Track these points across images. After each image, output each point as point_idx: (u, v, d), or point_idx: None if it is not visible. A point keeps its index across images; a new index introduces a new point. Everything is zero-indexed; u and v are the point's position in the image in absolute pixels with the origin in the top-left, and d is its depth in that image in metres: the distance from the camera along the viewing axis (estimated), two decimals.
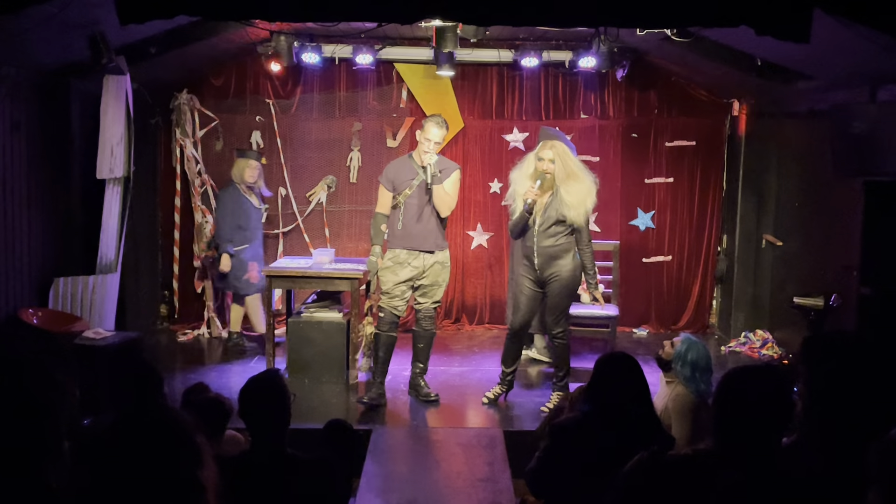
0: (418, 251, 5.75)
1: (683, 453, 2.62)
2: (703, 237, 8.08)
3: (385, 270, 5.77)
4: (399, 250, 5.76)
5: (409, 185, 5.71)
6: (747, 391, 2.44)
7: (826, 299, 6.20)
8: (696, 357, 4.12)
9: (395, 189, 5.75)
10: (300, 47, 7.18)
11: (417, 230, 5.72)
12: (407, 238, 5.73)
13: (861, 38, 4.42)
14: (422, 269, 5.76)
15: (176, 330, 7.79)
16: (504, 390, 5.92)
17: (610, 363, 3.38)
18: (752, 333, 7.53)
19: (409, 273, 5.74)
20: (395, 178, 5.75)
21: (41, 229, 6.05)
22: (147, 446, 1.97)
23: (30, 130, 5.85)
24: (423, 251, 5.75)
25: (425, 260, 5.76)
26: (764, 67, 6.19)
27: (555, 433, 3.35)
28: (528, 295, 5.71)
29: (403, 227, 5.73)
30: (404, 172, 5.75)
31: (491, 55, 7.54)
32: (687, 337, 4.28)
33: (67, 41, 5.39)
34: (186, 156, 7.63)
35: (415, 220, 5.71)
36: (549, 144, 5.61)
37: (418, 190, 5.71)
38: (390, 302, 5.78)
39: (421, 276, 5.78)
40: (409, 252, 5.74)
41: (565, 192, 5.52)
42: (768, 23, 3.96)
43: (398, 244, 5.76)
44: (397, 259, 5.75)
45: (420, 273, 5.77)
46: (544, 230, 5.57)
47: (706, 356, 4.17)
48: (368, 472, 4.70)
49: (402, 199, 5.72)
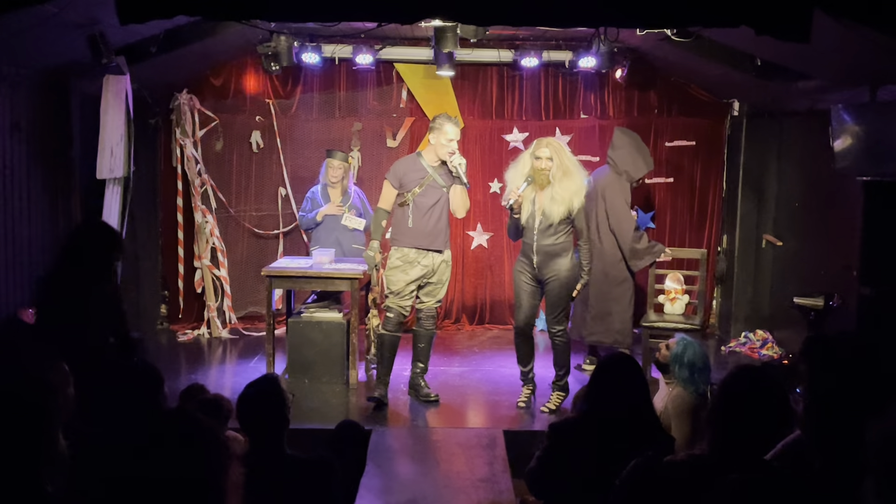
0: (427, 250, 5.74)
1: (681, 457, 2.62)
2: (703, 237, 8.08)
3: (394, 270, 5.75)
4: (408, 249, 5.73)
5: (418, 183, 5.70)
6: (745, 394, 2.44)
7: (826, 299, 6.20)
8: (692, 357, 4.12)
9: (402, 187, 5.74)
10: (300, 47, 7.17)
11: (428, 229, 5.71)
12: (417, 237, 5.72)
13: (861, 38, 4.42)
14: (431, 268, 5.76)
15: (176, 330, 7.80)
16: (532, 389, 5.94)
17: (610, 364, 3.39)
18: (752, 333, 7.53)
19: (420, 272, 5.74)
20: (404, 176, 5.73)
21: (41, 229, 6.05)
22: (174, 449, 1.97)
23: (30, 130, 5.84)
24: (432, 250, 5.75)
25: (434, 259, 5.76)
26: (764, 67, 6.19)
27: (554, 433, 3.35)
28: (528, 291, 5.72)
29: (413, 226, 5.71)
30: (413, 171, 5.74)
31: (491, 55, 7.54)
32: (682, 338, 4.26)
33: (67, 41, 5.39)
34: (186, 156, 7.63)
35: (426, 219, 5.70)
36: (545, 142, 5.62)
37: (428, 189, 5.71)
38: (399, 302, 5.76)
39: (431, 275, 5.78)
40: (419, 251, 5.73)
41: (558, 188, 5.52)
42: (768, 23, 3.95)
43: (407, 243, 5.74)
44: (406, 258, 5.73)
45: (430, 272, 5.77)
46: (544, 229, 5.58)
47: (702, 355, 4.16)
48: (368, 472, 4.69)
49: (410, 197, 5.71)
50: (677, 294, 6.79)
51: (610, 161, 6.73)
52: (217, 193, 7.81)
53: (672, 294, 6.79)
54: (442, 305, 8.09)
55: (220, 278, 7.79)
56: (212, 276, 7.75)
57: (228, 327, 7.75)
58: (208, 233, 7.66)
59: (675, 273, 6.87)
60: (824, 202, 6.59)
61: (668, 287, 6.82)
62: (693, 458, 2.52)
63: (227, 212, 7.90)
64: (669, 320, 6.59)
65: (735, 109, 7.84)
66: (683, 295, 6.79)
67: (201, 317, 7.80)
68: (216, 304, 7.75)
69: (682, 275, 6.88)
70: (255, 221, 7.99)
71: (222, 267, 7.80)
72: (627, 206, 6.62)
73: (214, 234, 7.75)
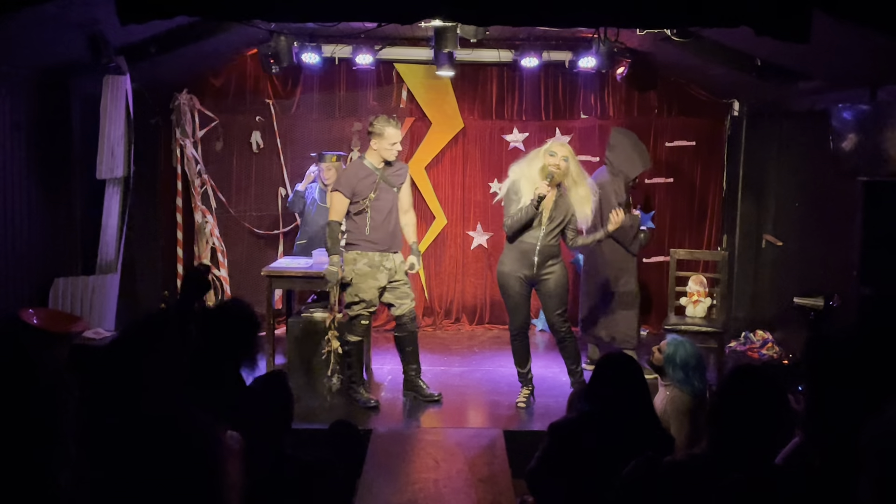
0: (389, 252, 5.76)
1: (681, 457, 2.62)
2: (703, 237, 8.08)
3: (363, 277, 5.69)
4: (372, 254, 5.71)
5: (372, 188, 5.67)
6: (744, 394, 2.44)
7: (826, 299, 6.20)
8: (685, 357, 4.11)
9: (355, 195, 5.67)
10: (300, 47, 7.17)
11: (390, 230, 5.74)
12: (381, 240, 5.71)
13: (861, 38, 4.43)
14: (393, 269, 5.78)
15: None
16: (531, 390, 5.96)
17: (609, 364, 3.38)
18: (752, 333, 7.52)
19: (386, 276, 5.75)
20: (358, 184, 5.67)
21: (41, 229, 6.05)
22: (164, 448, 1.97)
23: (30, 130, 5.84)
24: (392, 252, 5.77)
25: (395, 260, 5.79)
26: (764, 67, 6.19)
27: (554, 433, 3.35)
28: (523, 294, 5.76)
29: (373, 230, 5.68)
30: (364, 177, 5.69)
31: (491, 55, 7.54)
32: (673, 339, 4.25)
33: (67, 41, 5.39)
34: (186, 156, 7.63)
35: (384, 221, 5.71)
36: (560, 143, 5.77)
37: (382, 192, 5.70)
38: (370, 308, 5.79)
39: (394, 277, 5.78)
40: (382, 254, 5.73)
41: (575, 193, 5.63)
42: (768, 23, 3.96)
43: (369, 248, 5.71)
44: (372, 262, 5.71)
45: (393, 273, 5.78)
46: (550, 230, 5.62)
47: (695, 354, 4.16)
48: (368, 472, 4.69)
49: (367, 203, 5.67)
50: (700, 297, 6.75)
51: (607, 161, 6.75)
52: (217, 193, 7.81)
53: (695, 296, 6.75)
54: (442, 305, 8.16)
55: (220, 278, 7.79)
56: (212, 276, 7.75)
57: None
58: (208, 233, 7.66)
59: (697, 275, 6.84)
60: (824, 202, 6.59)
61: (691, 289, 6.79)
62: (693, 458, 2.53)
63: (227, 212, 7.90)
64: (691, 322, 6.56)
65: (735, 109, 7.84)
66: (706, 298, 6.75)
67: None
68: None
69: (704, 277, 6.85)
70: (255, 221, 7.99)
71: (222, 267, 7.80)
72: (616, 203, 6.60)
73: (214, 234, 7.75)
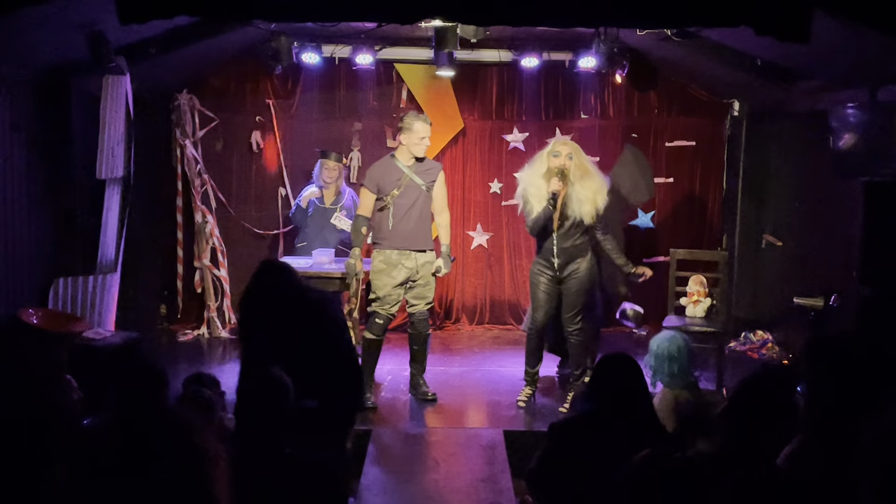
0: (410, 251, 5.74)
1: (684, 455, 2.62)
2: (702, 237, 8.08)
3: (379, 273, 5.72)
4: (389, 251, 5.72)
5: (396, 185, 5.69)
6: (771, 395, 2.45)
7: (826, 299, 6.20)
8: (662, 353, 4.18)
9: (380, 191, 5.72)
10: (300, 47, 7.17)
11: (409, 229, 5.72)
12: (398, 238, 5.71)
13: (861, 38, 4.43)
14: (415, 268, 5.75)
15: (176, 330, 7.80)
16: (534, 390, 5.95)
17: (609, 363, 3.38)
18: (752, 333, 7.52)
19: (405, 274, 5.73)
20: (381, 180, 5.72)
21: (41, 229, 6.05)
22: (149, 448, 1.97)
23: (30, 130, 5.84)
24: (414, 250, 5.74)
25: (417, 259, 5.76)
26: (764, 67, 6.19)
27: (554, 433, 3.35)
28: (547, 291, 5.71)
29: (393, 228, 5.70)
30: (390, 174, 5.73)
31: (491, 55, 7.53)
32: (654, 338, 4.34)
33: (67, 41, 5.39)
34: (186, 156, 7.63)
35: (406, 219, 5.71)
36: (562, 142, 5.75)
37: (407, 189, 5.71)
38: (385, 307, 5.74)
39: (416, 276, 5.77)
40: (401, 252, 5.71)
41: (580, 188, 5.55)
42: (768, 23, 3.96)
43: (388, 245, 5.73)
44: (389, 260, 5.71)
45: (414, 273, 5.76)
46: (563, 232, 5.60)
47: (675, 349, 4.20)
48: (368, 473, 4.70)
49: (390, 199, 5.70)
50: (700, 297, 6.74)
51: (612, 176, 6.73)
52: (217, 193, 7.81)
53: (695, 296, 6.74)
54: (442, 305, 8.15)
55: (220, 278, 7.79)
56: (212, 276, 7.75)
57: (228, 327, 7.73)
58: (208, 233, 7.66)
59: (698, 275, 6.82)
60: (824, 202, 6.59)
61: (691, 289, 6.77)
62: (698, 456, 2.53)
63: (227, 212, 7.90)
64: (691, 322, 6.54)
65: (735, 109, 7.83)
66: (706, 298, 6.74)
67: (201, 317, 7.79)
68: (216, 305, 7.75)
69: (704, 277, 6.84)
70: (255, 221, 7.99)
71: (222, 267, 7.79)
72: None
73: (214, 234, 7.75)
